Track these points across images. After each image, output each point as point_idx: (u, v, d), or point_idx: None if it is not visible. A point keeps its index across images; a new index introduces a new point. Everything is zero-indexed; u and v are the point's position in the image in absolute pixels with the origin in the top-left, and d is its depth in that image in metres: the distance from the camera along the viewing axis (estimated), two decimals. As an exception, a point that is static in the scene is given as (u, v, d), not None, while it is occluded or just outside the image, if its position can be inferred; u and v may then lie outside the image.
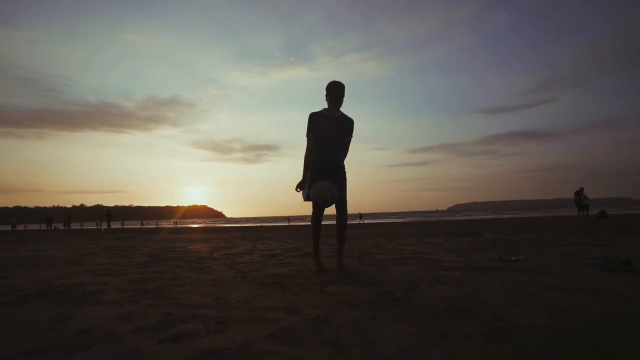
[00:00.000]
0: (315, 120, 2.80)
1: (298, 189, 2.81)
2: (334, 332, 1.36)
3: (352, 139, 2.93)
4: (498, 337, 1.27)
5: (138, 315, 1.68)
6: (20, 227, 40.46)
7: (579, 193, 16.33)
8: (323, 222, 2.95)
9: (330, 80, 2.81)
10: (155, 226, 37.92)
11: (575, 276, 2.38)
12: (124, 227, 36.83)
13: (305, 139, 2.82)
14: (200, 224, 57.16)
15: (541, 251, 3.88)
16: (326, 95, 2.81)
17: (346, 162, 2.97)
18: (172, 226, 35.34)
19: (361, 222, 29.69)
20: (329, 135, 2.78)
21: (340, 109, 2.89)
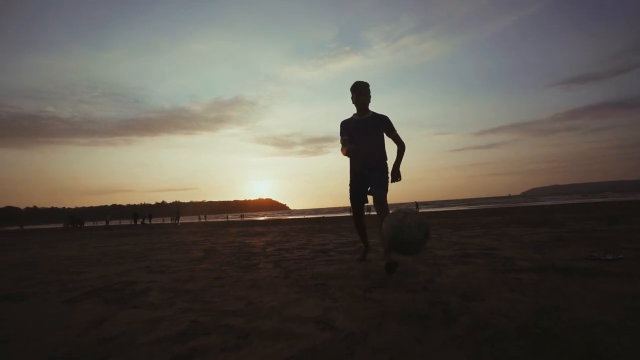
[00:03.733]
0: (346, 125, 2.84)
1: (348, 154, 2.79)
2: (366, 359, 1.12)
3: (397, 132, 2.82)
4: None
5: (166, 321, 1.61)
6: (114, 223, 46.44)
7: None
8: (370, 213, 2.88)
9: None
10: (225, 219, 40.90)
11: None
12: (200, 221, 40.24)
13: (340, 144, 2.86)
14: (264, 216, 60.07)
15: (649, 246, 3.09)
16: (351, 97, 2.84)
17: (408, 149, 2.93)
18: (239, 219, 37.70)
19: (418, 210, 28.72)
20: (361, 136, 2.76)
21: (372, 109, 2.86)
